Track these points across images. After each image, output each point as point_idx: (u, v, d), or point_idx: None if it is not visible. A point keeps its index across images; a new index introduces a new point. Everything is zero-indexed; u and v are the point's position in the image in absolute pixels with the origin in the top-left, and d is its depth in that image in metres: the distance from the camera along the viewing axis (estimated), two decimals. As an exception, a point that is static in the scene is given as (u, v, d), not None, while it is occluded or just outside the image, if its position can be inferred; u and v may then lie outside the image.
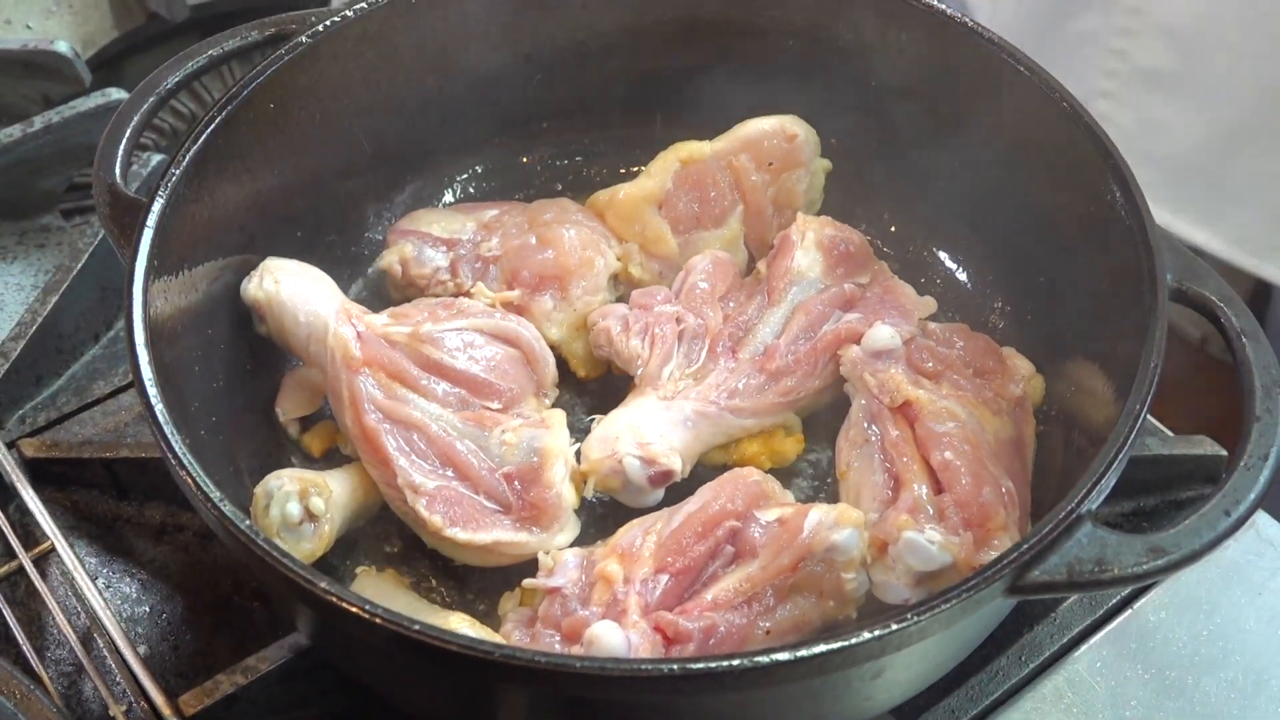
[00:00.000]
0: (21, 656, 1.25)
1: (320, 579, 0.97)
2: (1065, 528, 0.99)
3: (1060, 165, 1.31)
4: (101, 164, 1.28)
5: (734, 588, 1.15)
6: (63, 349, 1.54)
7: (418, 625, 0.94)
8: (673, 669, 0.92)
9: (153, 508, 1.41)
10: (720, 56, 1.55)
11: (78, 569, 1.27)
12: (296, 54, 1.36)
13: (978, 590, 0.96)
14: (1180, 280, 1.17)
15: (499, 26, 1.51)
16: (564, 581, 1.18)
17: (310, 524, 1.22)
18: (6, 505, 1.38)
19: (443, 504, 1.24)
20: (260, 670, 1.17)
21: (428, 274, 1.45)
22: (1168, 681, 1.25)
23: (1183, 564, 0.99)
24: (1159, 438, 1.41)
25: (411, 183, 1.60)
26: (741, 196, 1.49)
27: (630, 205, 1.48)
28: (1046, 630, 1.28)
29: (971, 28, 1.37)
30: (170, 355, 1.17)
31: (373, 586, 1.23)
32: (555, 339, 1.41)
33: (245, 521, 1.02)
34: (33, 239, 1.72)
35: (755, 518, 1.19)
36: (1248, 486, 1.02)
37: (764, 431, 1.36)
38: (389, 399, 1.28)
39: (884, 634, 0.94)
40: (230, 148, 1.32)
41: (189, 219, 1.25)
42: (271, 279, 1.33)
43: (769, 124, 1.49)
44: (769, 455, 1.35)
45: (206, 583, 1.35)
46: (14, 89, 1.84)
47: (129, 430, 1.44)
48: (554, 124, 1.64)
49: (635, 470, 1.26)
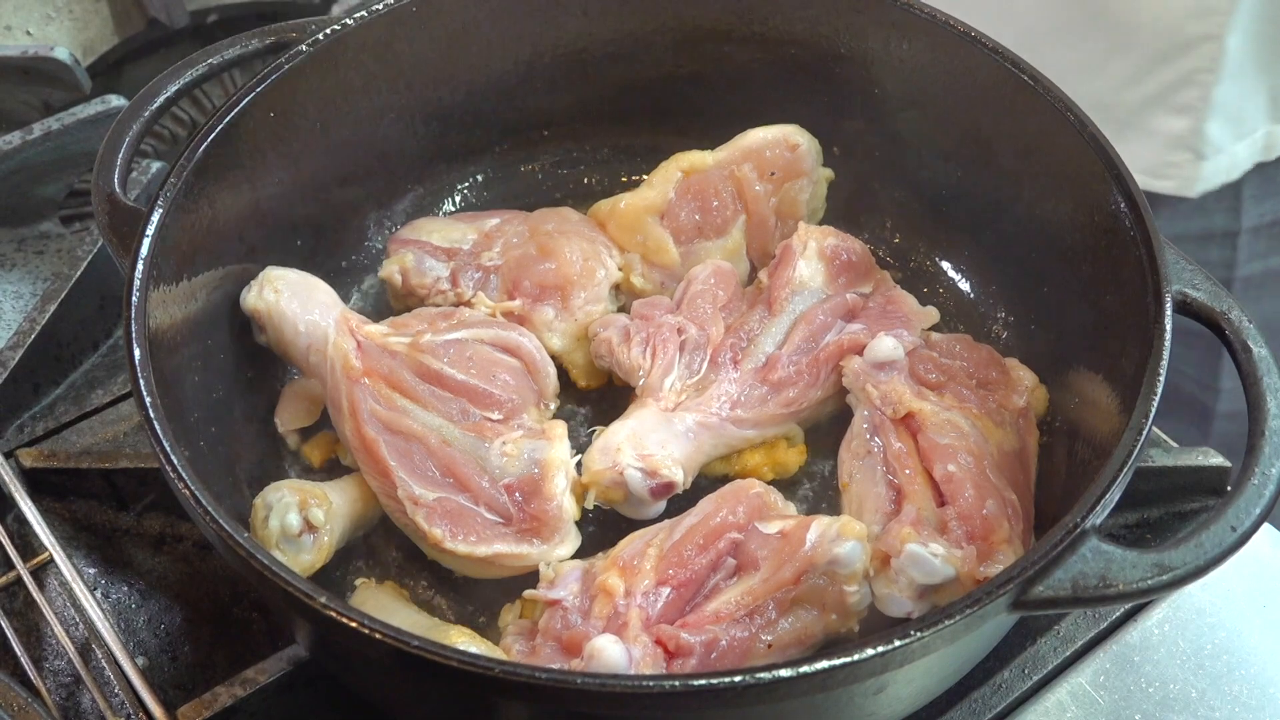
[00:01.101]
0: (19, 668, 1.25)
1: (319, 594, 0.96)
2: (1070, 543, 0.98)
3: (1064, 175, 1.30)
4: (101, 172, 1.28)
5: (736, 600, 1.14)
6: (61, 358, 1.54)
7: (417, 641, 0.93)
8: (674, 685, 0.91)
9: (151, 518, 1.40)
10: (722, 65, 1.55)
11: (76, 580, 1.26)
12: (297, 62, 1.36)
13: (981, 606, 0.95)
14: (1185, 291, 1.16)
15: (499, 35, 1.51)
16: (564, 594, 1.17)
17: (310, 535, 1.21)
18: (4, 515, 1.37)
19: (443, 516, 1.23)
20: (259, 682, 1.17)
21: (428, 284, 1.44)
22: (1172, 695, 1.24)
23: (1187, 580, 0.99)
24: (1163, 449, 1.40)
25: (412, 191, 1.60)
26: (744, 206, 1.48)
27: (632, 215, 1.47)
28: (1050, 643, 1.27)
29: (975, 37, 1.37)
30: (169, 365, 1.17)
31: (372, 599, 1.23)
32: (556, 349, 1.41)
33: (244, 535, 1.01)
34: (31, 246, 1.72)
35: (757, 530, 1.19)
36: (1253, 502, 1.01)
37: (766, 442, 1.35)
38: (389, 410, 1.28)
39: (887, 650, 0.93)
40: (230, 156, 1.31)
41: (189, 228, 1.25)
42: (271, 289, 1.32)
43: (771, 133, 1.48)
44: (771, 466, 1.34)
45: (205, 594, 1.34)
46: (13, 95, 1.84)
47: (128, 440, 1.44)
48: (555, 132, 1.64)
49: (637, 482, 1.25)
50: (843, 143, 1.53)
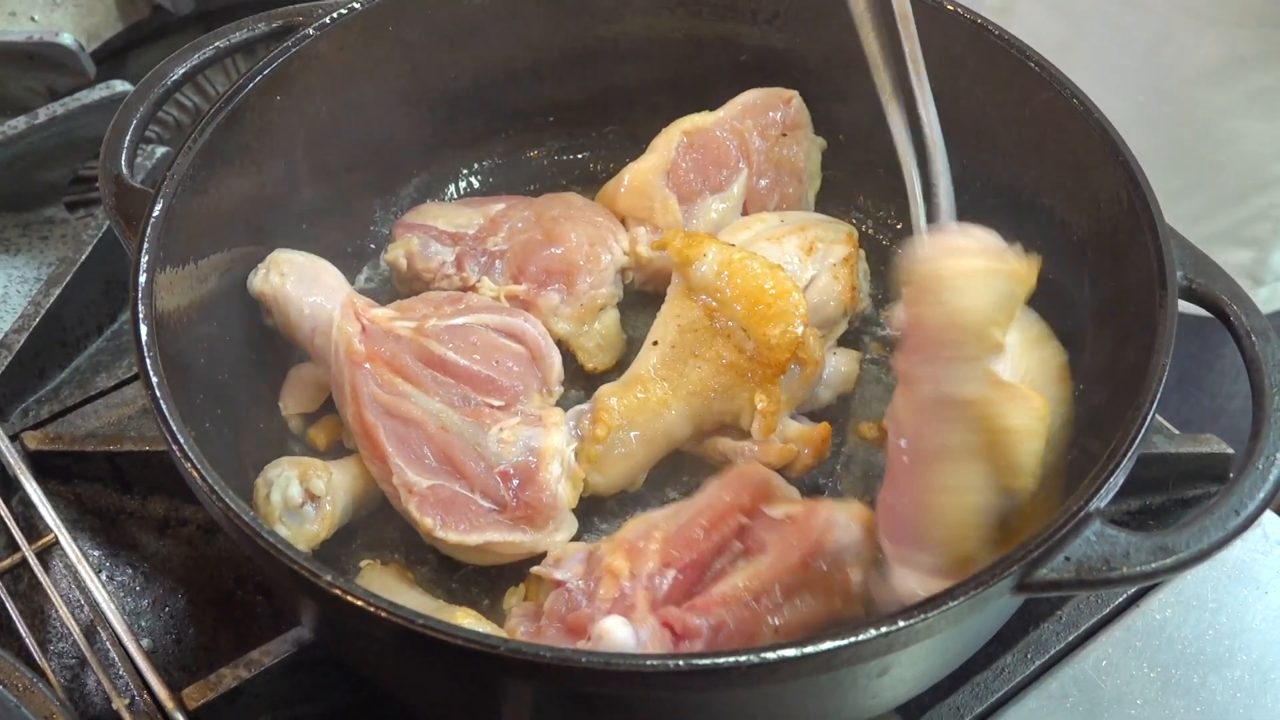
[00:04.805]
0: (24, 649, 1.25)
1: (325, 573, 0.96)
2: (1074, 526, 0.98)
3: (1069, 162, 1.30)
4: (108, 156, 1.28)
5: (743, 584, 1.14)
6: (66, 341, 1.54)
7: (422, 620, 0.93)
8: (679, 664, 0.92)
9: (156, 501, 1.40)
10: (729, 54, 1.55)
11: (81, 562, 1.26)
12: (303, 46, 1.36)
13: (985, 588, 0.96)
14: (1190, 278, 1.16)
15: (506, 21, 1.51)
16: (569, 575, 1.18)
17: (312, 505, 1.22)
18: (10, 498, 1.37)
19: (435, 505, 1.23)
20: (264, 664, 1.17)
21: (433, 268, 1.44)
22: (1174, 680, 1.25)
23: (1191, 563, 0.99)
24: (1165, 435, 1.40)
25: (418, 176, 1.60)
26: (746, 160, 1.50)
27: (639, 180, 1.48)
28: (1053, 628, 1.27)
29: (980, 24, 1.37)
30: (175, 348, 1.17)
31: (377, 581, 1.23)
32: (562, 333, 1.41)
33: (250, 514, 1.01)
34: (36, 231, 1.72)
35: (764, 514, 1.19)
36: (1258, 486, 1.01)
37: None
38: (390, 394, 1.27)
39: (891, 630, 0.93)
40: (236, 140, 1.31)
41: (195, 210, 1.25)
42: (278, 272, 1.32)
43: (765, 90, 1.53)
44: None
45: (210, 576, 1.34)
46: (18, 81, 1.84)
47: (132, 423, 1.44)
48: (561, 118, 1.64)
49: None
50: (847, 130, 1.53)
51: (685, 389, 1.30)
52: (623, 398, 1.30)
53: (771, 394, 1.29)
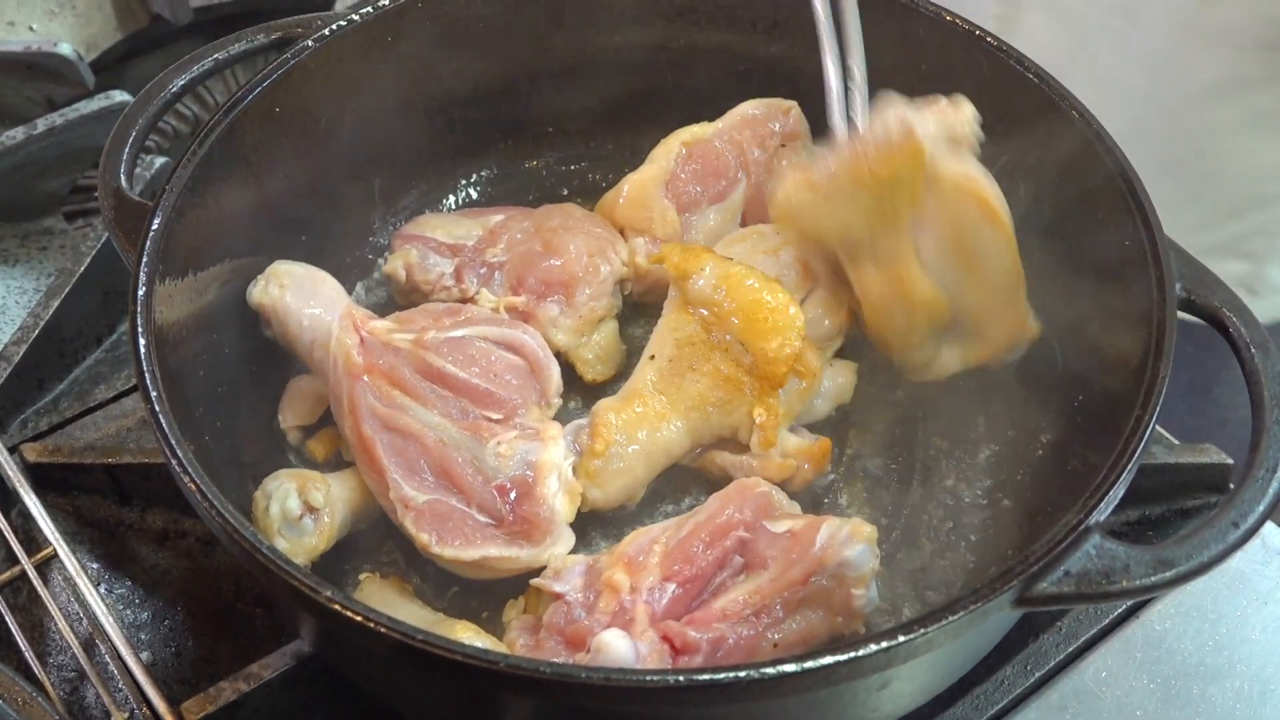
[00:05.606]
0: (24, 663, 1.25)
1: (324, 588, 0.96)
2: (1073, 540, 0.98)
3: (1066, 173, 1.30)
4: (107, 167, 1.28)
5: (743, 599, 1.14)
6: (65, 353, 1.54)
7: (421, 634, 0.93)
8: (679, 680, 0.92)
9: (155, 513, 1.40)
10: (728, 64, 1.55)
11: (80, 575, 1.26)
12: (302, 58, 1.36)
13: (985, 602, 0.96)
14: (1189, 289, 1.16)
15: (504, 32, 1.51)
16: (568, 588, 1.17)
17: (310, 518, 1.22)
18: (8, 510, 1.37)
19: (431, 520, 1.22)
20: (263, 677, 1.17)
21: (432, 280, 1.44)
22: (1173, 691, 1.24)
23: (1191, 576, 0.99)
24: (1165, 445, 1.40)
25: (416, 187, 1.60)
26: (745, 171, 1.50)
27: (638, 190, 1.48)
28: (1052, 640, 1.27)
29: (978, 34, 1.37)
30: (175, 360, 1.17)
31: (377, 594, 1.23)
32: (561, 345, 1.41)
33: (248, 529, 1.01)
34: (35, 242, 1.72)
35: (765, 529, 1.19)
36: (1257, 498, 1.01)
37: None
38: (388, 407, 1.27)
39: (891, 646, 0.93)
40: (235, 151, 1.31)
41: (194, 222, 1.25)
42: (277, 284, 1.32)
43: (764, 101, 1.52)
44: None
45: (209, 589, 1.34)
46: (17, 91, 1.84)
47: (131, 435, 1.44)
48: (560, 129, 1.65)
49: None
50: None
51: (683, 403, 1.30)
52: (620, 412, 1.30)
53: (770, 407, 1.29)
